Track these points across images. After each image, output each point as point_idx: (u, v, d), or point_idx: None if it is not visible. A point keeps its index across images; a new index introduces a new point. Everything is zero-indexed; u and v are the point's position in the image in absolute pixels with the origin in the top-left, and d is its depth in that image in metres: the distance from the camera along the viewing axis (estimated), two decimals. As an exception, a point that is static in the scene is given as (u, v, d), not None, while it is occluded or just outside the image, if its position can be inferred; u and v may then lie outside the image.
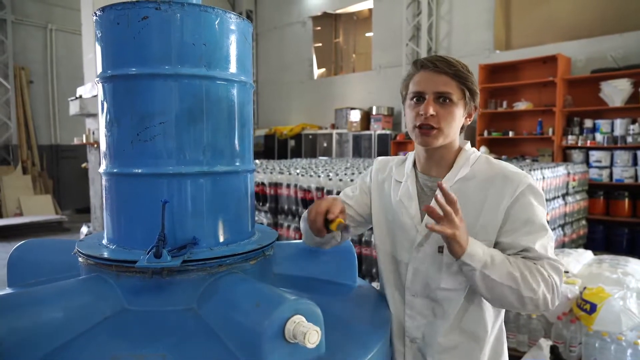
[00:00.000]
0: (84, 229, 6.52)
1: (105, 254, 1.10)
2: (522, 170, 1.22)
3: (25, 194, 8.74)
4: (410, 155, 1.35)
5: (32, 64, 9.42)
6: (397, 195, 1.30)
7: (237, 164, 1.21)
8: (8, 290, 1.20)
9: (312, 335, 0.85)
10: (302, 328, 0.85)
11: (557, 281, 1.11)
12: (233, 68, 1.18)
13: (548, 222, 4.15)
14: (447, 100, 1.18)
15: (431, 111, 1.16)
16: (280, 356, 0.86)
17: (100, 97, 1.17)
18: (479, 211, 1.18)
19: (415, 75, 1.23)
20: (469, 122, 1.27)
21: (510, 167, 1.21)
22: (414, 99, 1.21)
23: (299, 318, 0.87)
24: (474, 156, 1.26)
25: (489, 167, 1.22)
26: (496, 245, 1.17)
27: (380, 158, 1.46)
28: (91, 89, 5.57)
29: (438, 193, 1.06)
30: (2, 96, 9.04)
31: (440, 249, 1.20)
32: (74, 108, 6.10)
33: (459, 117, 1.21)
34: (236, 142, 1.21)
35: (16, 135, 9.16)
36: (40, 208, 8.61)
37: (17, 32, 9.19)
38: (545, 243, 1.14)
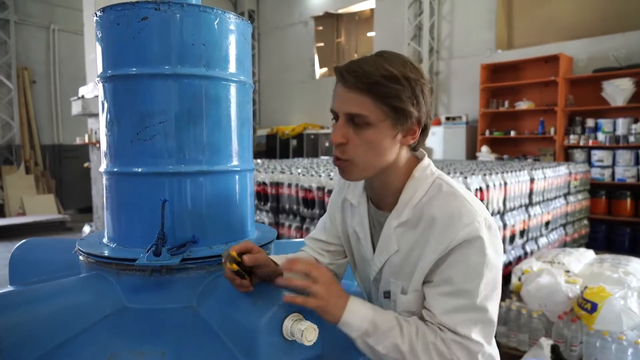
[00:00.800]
0: (86, 229, 6.55)
1: (106, 252, 1.11)
2: (477, 201, 0.99)
3: (28, 193, 8.77)
4: None
5: (34, 64, 9.45)
6: (353, 223, 1.14)
7: (237, 163, 1.22)
8: (9, 289, 1.21)
9: (310, 333, 0.86)
10: (300, 326, 0.86)
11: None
12: (232, 68, 1.19)
13: (549, 222, 4.11)
14: (362, 124, 0.93)
15: (339, 139, 0.94)
16: (278, 353, 0.87)
17: (101, 97, 1.18)
18: (418, 258, 0.97)
19: (335, 88, 0.98)
20: (413, 141, 1.00)
21: (459, 206, 0.95)
22: (333, 119, 0.99)
23: (296, 316, 0.88)
24: (424, 187, 1.00)
25: (437, 204, 0.97)
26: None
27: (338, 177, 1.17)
28: (93, 89, 5.59)
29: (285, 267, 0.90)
30: (5, 96, 9.07)
31: (386, 294, 1.06)
32: (76, 108, 6.13)
33: (383, 141, 0.95)
34: (235, 141, 1.21)
35: (19, 135, 9.19)
36: (43, 208, 8.64)
37: (20, 33, 9.22)
38: (465, 314, 0.91)
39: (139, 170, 1.11)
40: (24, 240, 1.35)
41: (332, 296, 0.91)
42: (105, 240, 1.21)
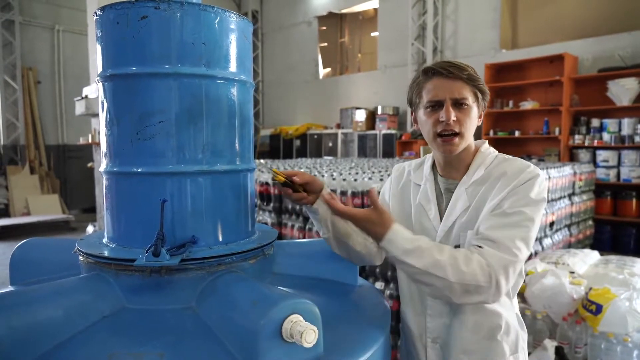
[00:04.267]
0: (90, 229, 6.57)
1: (105, 253, 1.10)
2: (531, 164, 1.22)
3: (33, 193, 8.82)
4: (429, 158, 1.37)
5: (39, 64, 9.51)
6: (417, 199, 1.33)
7: (237, 162, 1.21)
8: (9, 289, 1.20)
9: (309, 335, 0.85)
10: (299, 327, 0.85)
11: (498, 274, 1.06)
12: (233, 67, 1.18)
13: (553, 222, 4.09)
14: (464, 105, 1.20)
15: (453, 117, 1.18)
16: (277, 355, 0.86)
17: (101, 96, 1.18)
18: (487, 204, 1.18)
19: (427, 83, 1.23)
20: (481, 122, 1.29)
21: (520, 163, 1.21)
22: (430, 107, 1.22)
23: (296, 317, 0.87)
24: (491, 157, 1.27)
25: (502, 166, 1.22)
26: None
27: (396, 165, 1.47)
28: (96, 89, 5.59)
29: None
30: (10, 97, 9.12)
31: (456, 247, 1.21)
32: (79, 108, 6.15)
33: (475, 119, 1.24)
34: (236, 141, 1.20)
35: (24, 135, 9.25)
36: (48, 208, 8.69)
37: (25, 33, 9.27)
38: (507, 230, 1.10)
39: (139, 170, 1.11)
40: (24, 240, 1.34)
41: (382, 215, 1.11)
42: (105, 240, 1.20)
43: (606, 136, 5.92)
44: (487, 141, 1.33)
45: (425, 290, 1.19)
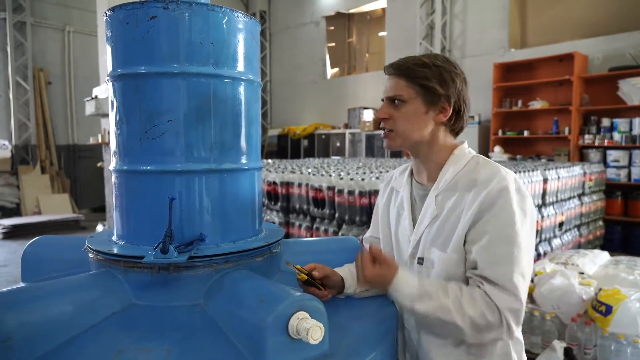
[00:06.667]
0: (100, 228, 6.63)
1: (114, 250, 1.11)
2: (510, 170, 1.14)
3: (44, 193, 8.92)
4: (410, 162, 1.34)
5: (50, 65, 9.61)
6: (396, 205, 1.31)
7: (245, 161, 1.22)
8: (21, 285, 1.22)
9: (315, 332, 0.85)
10: (306, 324, 0.86)
11: (507, 316, 1.02)
12: (241, 66, 1.19)
13: (562, 222, 4.05)
14: (397, 101, 1.18)
15: (382, 114, 1.19)
16: (283, 352, 0.86)
17: (111, 95, 1.19)
18: (458, 218, 1.12)
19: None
20: (446, 119, 1.18)
21: (490, 170, 1.13)
22: None
23: (302, 314, 0.88)
24: (464, 160, 1.19)
25: (473, 173, 1.14)
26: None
27: (388, 173, 1.46)
28: (106, 89, 5.65)
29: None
30: (22, 97, 9.23)
31: (419, 260, 1.19)
32: (89, 108, 6.21)
33: (417, 115, 1.16)
34: (243, 140, 1.21)
35: (35, 135, 9.35)
36: (58, 207, 8.79)
37: (36, 35, 9.38)
38: (503, 263, 1.04)
39: (148, 168, 1.12)
40: (35, 238, 1.36)
41: (384, 270, 1.10)
42: (114, 237, 1.22)
43: (617, 136, 5.86)
44: (465, 141, 1.25)
45: (441, 333, 1.14)
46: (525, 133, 6.65)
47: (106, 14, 1.16)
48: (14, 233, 7.43)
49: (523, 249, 1.06)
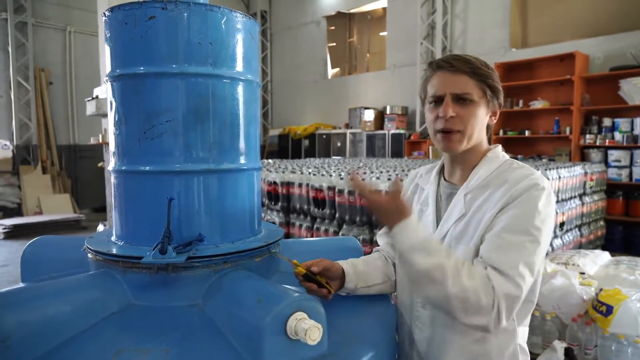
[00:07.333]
0: (100, 228, 6.64)
1: (113, 250, 1.11)
2: (538, 171, 1.13)
3: (45, 193, 8.94)
4: (441, 161, 1.31)
5: (51, 65, 9.62)
6: (419, 202, 1.29)
7: (243, 161, 1.22)
8: (20, 285, 1.22)
9: (313, 332, 0.85)
10: (304, 325, 0.86)
11: (500, 301, 0.97)
12: (239, 67, 1.19)
13: (563, 223, 4.03)
14: (467, 101, 1.12)
15: (450, 112, 1.11)
16: (281, 352, 0.86)
17: (110, 96, 1.19)
18: (483, 215, 1.11)
19: (432, 78, 1.17)
20: (494, 121, 1.21)
21: (524, 170, 1.12)
22: (433, 103, 1.16)
23: (300, 315, 0.87)
24: (497, 162, 1.17)
25: (505, 173, 1.13)
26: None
27: (412, 171, 1.43)
28: (106, 89, 5.65)
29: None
30: (23, 97, 9.24)
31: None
32: (90, 108, 6.21)
33: (482, 117, 1.15)
34: (242, 140, 1.21)
35: (36, 135, 9.36)
36: (59, 207, 8.80)
37: (37, 35, 9.39)
38: (511, 252, 1.01)
39: (147, 168, 1.12)
40: (35, 238, 1.36)
41: (401, 205, 1.06)
42: (113, 238, 1.22)
43: (618, 136, 5.84)
44: (500, 145, 1.24)
45: (426, 298, 1.12)
46: (527, 133, 6.64)
47: (105, 14, 1.16)
48: (15, 233, 7.44)
49: (537, 243, 1.02)
